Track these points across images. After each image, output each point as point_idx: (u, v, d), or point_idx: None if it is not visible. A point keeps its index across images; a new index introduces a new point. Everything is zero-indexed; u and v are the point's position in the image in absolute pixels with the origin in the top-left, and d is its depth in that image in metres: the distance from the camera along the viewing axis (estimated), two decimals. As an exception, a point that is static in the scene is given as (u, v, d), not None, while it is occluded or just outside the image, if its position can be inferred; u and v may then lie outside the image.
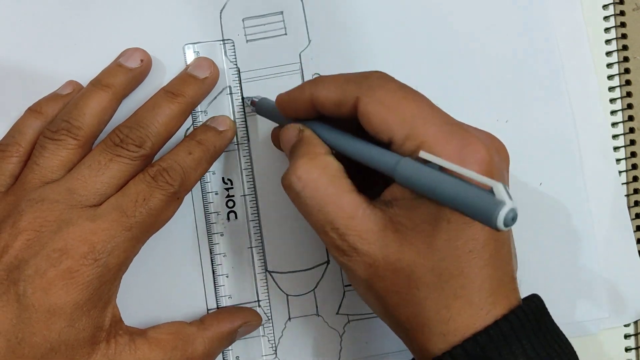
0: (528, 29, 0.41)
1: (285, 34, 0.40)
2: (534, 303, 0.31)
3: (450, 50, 0.40)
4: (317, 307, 0.40)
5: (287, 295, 0.40)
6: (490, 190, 0.25)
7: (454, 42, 0.40)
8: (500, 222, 0.24)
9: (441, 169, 0.28)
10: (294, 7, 0.40)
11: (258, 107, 0.38)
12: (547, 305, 0.32)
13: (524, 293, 0.32)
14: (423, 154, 0.28)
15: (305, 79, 0.40)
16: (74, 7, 0.40)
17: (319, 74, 0.40)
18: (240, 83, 0.40)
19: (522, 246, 0.39)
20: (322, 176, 0.31)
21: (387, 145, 0.31)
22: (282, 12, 0.40)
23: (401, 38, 0.40)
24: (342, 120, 0.33)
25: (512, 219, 0.24)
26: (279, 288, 0.40)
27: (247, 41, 0.40)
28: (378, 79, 0.31)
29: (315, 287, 0.40)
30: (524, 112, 0.40)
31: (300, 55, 0.40)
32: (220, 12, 0.40)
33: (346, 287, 0.40)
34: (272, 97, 0.39)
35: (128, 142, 0.35)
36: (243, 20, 0.40)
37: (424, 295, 0.30)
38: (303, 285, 0.40)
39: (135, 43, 0.39)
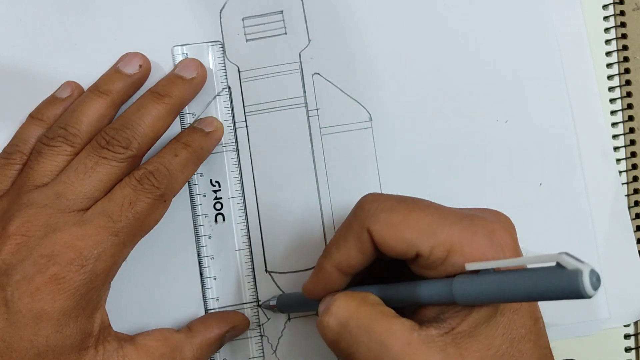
0: (528, 29, 0.41)
1: (285, 33, 0.40)
2: None
3: (450, 50, 0.40)
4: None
5: (287, 295, 0.40)
6: (557, 265, 0.24)
7: (453, 42, 0.40)
8: (589, 289, 0.23)
9: (495, 270, 0.27)
10: (294, 7, 0.40)
11: (279, 306, 0.38)
12: (548, 305, 0.32)
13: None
14: (470, 266, 0.27)
15: (305, 79, 0.40)
16: (73, 8, 0.40)
17: (319, 74, 0.40)
18: (240, 83, 0.40)
19: (522, 247, 0.39)
20: (363, 305, 0.30)
21: (414, 259, 0.30)
22: (282, 12, 0.40)
23: (401, 38, 0.40)
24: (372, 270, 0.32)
25: (597, 279, 0.23)
26: (279, 288, 0.40)
27: (246, 40, 0.40)
28: (372, 203, 0.30)
29: (315, 287, 0.40)
30: (524, 112, 0.40)
31: (300, 54, 0.40)
32: (220, 12, 0.40)
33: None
34: (271, 96, 0.40)
35: (114, 143, 0.35)
36: (243, 20, 0.40)
37: None
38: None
39: (134, 43, 0.39)
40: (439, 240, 0.28)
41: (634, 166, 0.41)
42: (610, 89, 0.41)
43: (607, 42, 0.42)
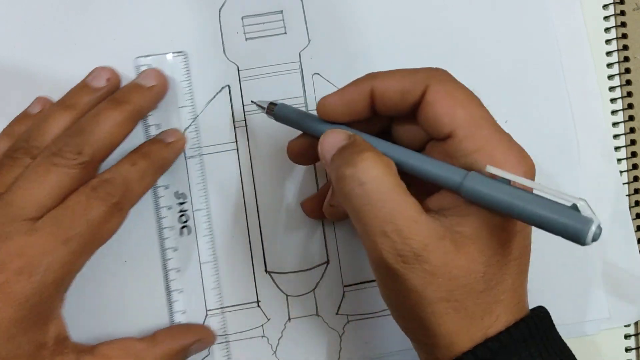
0: (528, 29, 0.41)
1: (285, 32, 0.40)
2: (542, 313, 0.31)
3: (450, 51, 0.40)
4: (316, 307, 0.40)
5: (287, 295, 0.40)
6: (573, 206, 0.26)
7: (453, 42, 0.40)
8: (589, 239, 0.25)
9: (510, 183, 0.28)
10: (294, 6, 0.40)
11: (277, 113, 0.36)
12: (548, 306, 0.32)
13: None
14: (491, 169, 0.28)
15: (305, 79, 0.40)
16: (73, 8, 0.40)
17: (319, 74, 0.40)
18: (240, 82, 0.40)
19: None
20: (387, 173, 0.30)
21: (441, 139, 0.31)
22: (281, 11, 0.40)
23: (401, 38, 0.40)
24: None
25: (599, 233, 0.25)
26: (279, 288, 0.40)
27: (246, 39, 0.40)
28: (446, 74, 0.32)
29: (315, 288, 0.40)
30: (524, 112, 0.40)
31: (299, 54, 0.40)
32: (220, 11, 0.40)
33: (346, 287, 0.40)
34: (271, 96, 0.39)
35: (66, 150, 0.34)
36: (242, 19, 0.40)
37: (472, 302, 0.29)
38: (303, 285, 0.40)
39: (133, 43, 0.40)
40: (477, 135, 0.30)
41: (635, 166, 0.41)
42: (611, 88, 0.41)
43: (608, 42, 0.42)
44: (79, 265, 0.34)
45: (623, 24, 0.42)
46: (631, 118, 0.41)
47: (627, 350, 0.41)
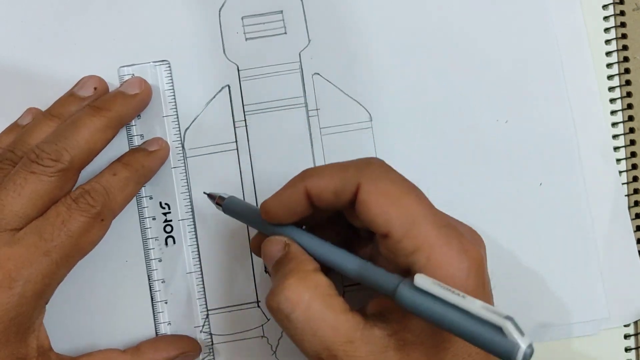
0: (528, 29, 0.41)
1: (285, 32, 0.40)
2: None
3: (450, 50, 0.40)
4: (316, 307, 0.40)
5: (287, 295, 0.40)
6: (499, 328, 0.25)
7: (454, 42, 0.40)
8: None
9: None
10: (294, 6, 0.40)
11: (226, 206, 0.36)
12: (547, 305, 0.32)
13: (525, 293, 0.32)
14: (419, 280, 0.27)
15: (305, 79, 0.40)
16: (73, 8, 0.40)
17: (319, 74, 0.40)
18: (240, 82, 0.40)
19: (522, 247, 0.39)
20: (314, 297, 0.29)
21: (382, 237, 0.30)
22: (281, 11, 0.40)
23: (401, 38, 0.40)
24: (325, 229, 0.32)
25: (530, 354, 0.25)
26: (279, 288, 0.40)
27: (246, 39, 0.40)
28: (379, 168, 0.30)
29: (315, 288, 0.40)
30: (524, 112, 0.40)
31: (299, 54, 0.40)
32: (220, 11, 0.40)
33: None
34: (271, 96, 0.40)
35: (43, 157, 0.33)
36: (242, 19, 0.40)
37: None
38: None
39: (133, 43, 0.40)
40: (413, 233, 0.28)
41: (634, 166, 0.41)
42: (610, 89, 0.41)
43: (607, 42, 0.42)
44: (60, 276, 0.33)
45: (623, 24, 0.42)
46: (630, 118, 0.41)
47: (627, 350, 0.41)
